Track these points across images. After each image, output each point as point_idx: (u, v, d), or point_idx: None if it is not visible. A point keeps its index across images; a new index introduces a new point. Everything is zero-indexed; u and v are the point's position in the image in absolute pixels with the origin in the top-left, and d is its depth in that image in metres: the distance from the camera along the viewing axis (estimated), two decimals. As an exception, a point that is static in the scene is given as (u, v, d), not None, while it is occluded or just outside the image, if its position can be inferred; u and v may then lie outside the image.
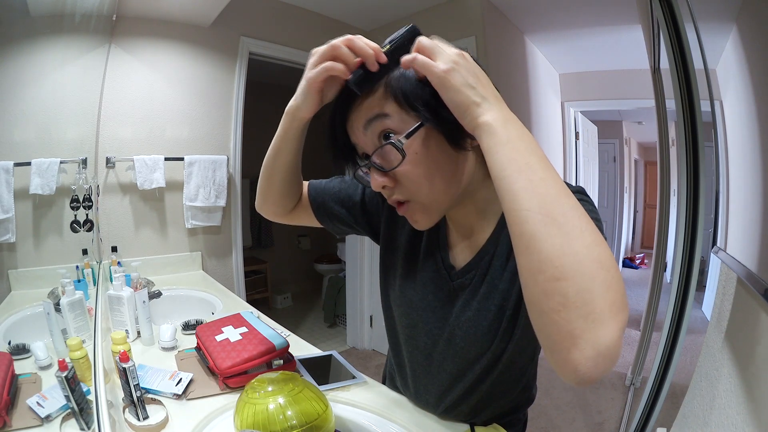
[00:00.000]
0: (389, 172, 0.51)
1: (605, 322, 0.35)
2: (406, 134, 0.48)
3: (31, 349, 0.77)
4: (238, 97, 2.18)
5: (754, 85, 0.78)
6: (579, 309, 0.35)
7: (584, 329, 0.35)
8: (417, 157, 0.50)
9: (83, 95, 1.45)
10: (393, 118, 0.49)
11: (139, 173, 1.83)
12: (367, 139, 0.52)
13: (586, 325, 0.35)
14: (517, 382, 0.70)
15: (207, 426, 0.78)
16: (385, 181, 0.52)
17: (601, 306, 0.35)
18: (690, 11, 1.12)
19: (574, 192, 0.43)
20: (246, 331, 1.00)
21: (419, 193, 0.52)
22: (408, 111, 0.49)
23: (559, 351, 0.36)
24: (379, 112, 0.50)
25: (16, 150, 0.82)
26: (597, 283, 0.35)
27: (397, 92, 0.49)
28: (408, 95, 0.48)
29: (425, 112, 0.48)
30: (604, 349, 0.35)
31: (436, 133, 0.50)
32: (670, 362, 1.42)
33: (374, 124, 0.50)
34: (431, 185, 0.52)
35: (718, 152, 1.08)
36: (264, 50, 2.24)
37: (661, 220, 2.48)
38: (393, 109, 0.49)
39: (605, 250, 0.37)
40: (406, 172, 0.51)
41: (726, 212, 1.05)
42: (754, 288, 0.73)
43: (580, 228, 0.37)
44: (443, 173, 0.52)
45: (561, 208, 0.38)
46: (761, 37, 0.71)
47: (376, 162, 0.52)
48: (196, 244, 2.09)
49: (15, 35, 0.79)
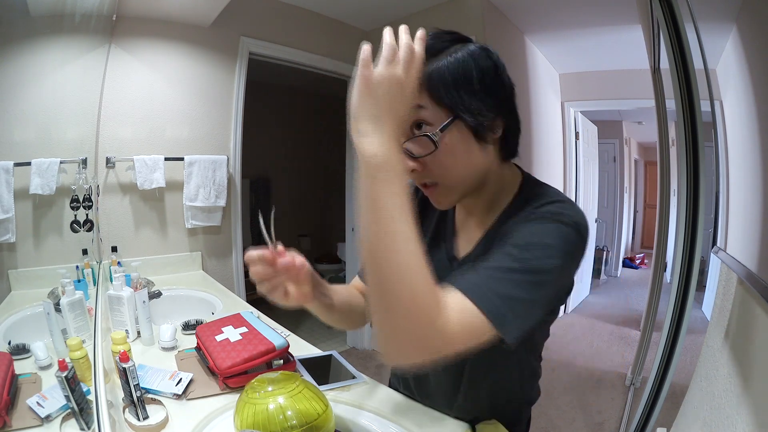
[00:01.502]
0: (419, 158, 0.56)
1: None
2: (440, 128, 0.53)
3: (31, 349, 0.77)
4: (238, 97, 2.18)
5: (754, 85, 0.78)
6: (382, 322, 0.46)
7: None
8: (446, 147, 0.55)
9: (83, 95, 1.45)
10: (428, 110, 0.54)
11: (139, 173, 1.83)
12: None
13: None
14: (518, 377, 0.71)
15: (207, 426, 0.78)
16: (415, 166, 0.57)
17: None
18: (690, 11, 1.12)
19: (551, 218, 0.53)
20: (246, 331, 1.00)
21: (444, 178, 0.58)
22: (441, 105, 0.54)
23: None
24: (416, 103, 0.53)
25: (16, 150, 0.82)
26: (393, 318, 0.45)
27: (432, 87, 0.53)
28: (442, 91, 0.53)
29: (458, 110, 0.53)
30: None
31: (465, 127, 0.55)
32: (670, 362, 1.42)
33: (409, 114, 0.53)
34: (456, 172, 0.57)
35: (718, 152, 1.08)
36: (264, 50, 2.24)
37: (661, 220, 2.48)
38: (427, 102, 0.54)
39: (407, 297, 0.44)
40: (436, 160, 0.56)
41: (726, 212, 1.05)
42: (754, 288, 0.73)
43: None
44: (468, 162, 0.57)
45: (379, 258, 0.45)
46: (761, 37, 0.71)
47: (409, 148, 0.56)
48: (196, 244, 2.09)
49: (15, 35, 0.79)
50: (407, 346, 0.45)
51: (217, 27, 2.03)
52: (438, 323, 0.44)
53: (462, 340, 0.47)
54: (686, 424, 1.09)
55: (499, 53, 0.59)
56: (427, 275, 0.45)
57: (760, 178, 0.78)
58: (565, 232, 0.52)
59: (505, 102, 0.57)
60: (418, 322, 0.44)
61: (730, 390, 0.87)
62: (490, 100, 0.55)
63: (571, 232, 0.53)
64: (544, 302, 0.53)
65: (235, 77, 2.15)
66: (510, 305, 0.48)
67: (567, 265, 0.53)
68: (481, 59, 0.54)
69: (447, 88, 0.53)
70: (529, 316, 0.51)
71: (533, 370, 0.74)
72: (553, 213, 0.54)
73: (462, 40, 0.57)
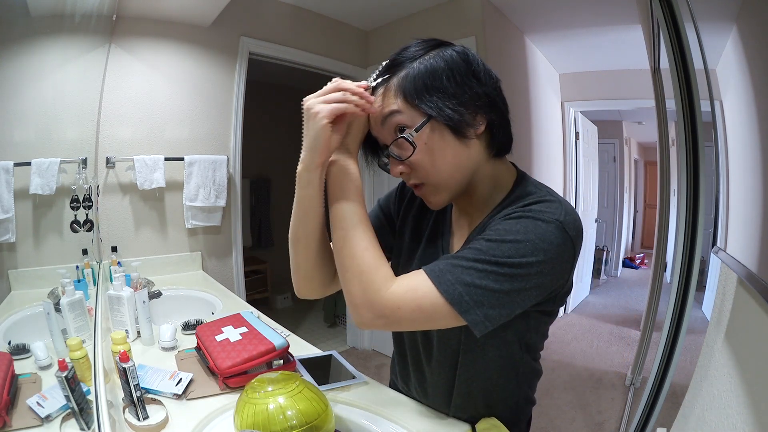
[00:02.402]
0: (404, 161, 0.59)
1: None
2: (415, 128, 0.57)
3: (31, 349, 0.77)
4: (238, 97, 2.18)
5: (754, 85, 0.78)
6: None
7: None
8: (425, 147, 0.57)
9: (83, 95, 1.44)
10: (404, 114, 0.57)
11: (139, 173, 1.83)
12: (384, 132, 0.60)
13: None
14: (514, 376, 0.71)
15: (207, 426, 0.78)
16: (402, 168, 0.61)
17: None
18: (690, 11, 1.12)
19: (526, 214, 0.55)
20: (246, 331, 1.00)
21: (430, 177, 0.60)
22: (415, 108, 0.57)
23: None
24: (392, 109, 0.58)
25: (16, 150, 0.82)
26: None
27: (405, 91, 0.57)
28: (413, 94, 0.56)
29: (429, 109, 0.56)
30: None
31: (441, 125, 0.57)
32: (670, 362, 1.42)
33: (389, 120, 0.58)
34: (439, 171, 0.59)
35: (718, 152, 1.08)
36: (264, 50, 2.24)
37: (661, 220, 2.48)
38: (403, 105, 0.57)
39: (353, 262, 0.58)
40: (417, 160, 0.59)
41: (726, 212, 1.05)
42: (754, 288, 0.73)
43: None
44: (449, 160, 0.59)
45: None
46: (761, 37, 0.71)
47: (394, 152, 0.60)
48: (196, 244, 2.09)
49: (15, 35, 0.79)
50: (360, 309, 0.56)
51: (217, 27, 2.03)
52: (383, 293, 0.54)
53: (409, 311, 0.54)
54: (686, 424, 1.09)
55: (499, 53, 0.60)
56: (372, 252, 0.57)
57: (760, 178, 0.78)
58: (542, 229, 0.53)
59: (483, 98, 0.57)
60: (365, 290, 0.55)
61: (730, 390, 0.87)
62: (462, 97, 0.56)
63: (550, 229, 0.53)
64: (517, 296, 0.53)
65: (235, 77, 2.15)
66: (470, 292, 0.52)
67: (545, 262, 0.53)
68: (451, 59, 0.56)
69: (418, 89, 0.56)
70: (493, 305, 0.53)
71: (532, 370, 0.74)
72: (534, 211, 0.55)
73: (441, 45, 0.59)
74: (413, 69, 0.56)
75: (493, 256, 0.52)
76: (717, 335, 1.02)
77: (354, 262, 0.57)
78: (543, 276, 0.54)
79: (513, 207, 0.58)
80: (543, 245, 0.52)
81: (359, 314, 0.57)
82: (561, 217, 0.54)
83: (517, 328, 0.65)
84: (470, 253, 0.54)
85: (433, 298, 0.53)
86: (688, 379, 1.18)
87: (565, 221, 0.54)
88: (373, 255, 0.57)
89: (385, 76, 0.59)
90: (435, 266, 0.55)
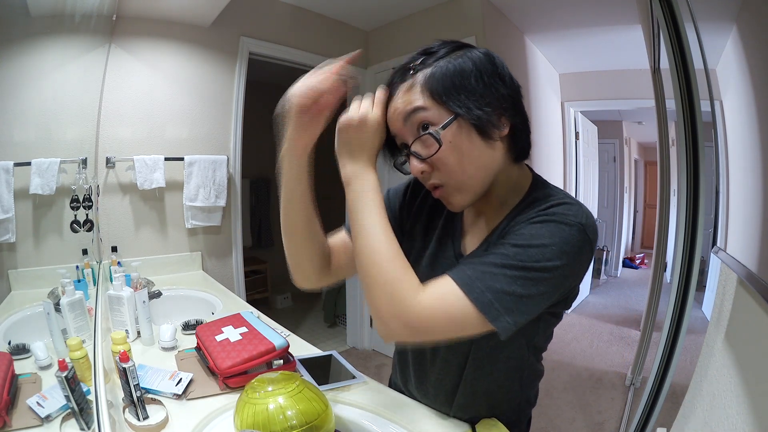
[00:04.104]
0: (427, 159, 0.58)
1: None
2: (442, 126, 0.56)
3: (31, 349, 0.77)
4: (238, 97, 2.18)
5: (754, 85, 0.78)
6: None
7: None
8: (451, 145, 0.56)
9: (83, 95, 1.44)
10: (430, 111, 0.56)
11: (139, 173, 1.83)
12: (406, 129, 0.59)
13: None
14: (518, 377, 0.71)
15: (207, 426, 0.78)
16: (424, 167, 0.59)
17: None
18: (690, 11, 1.12)
19: (548, 218, 0.55)
20: (246, 331, 1.00)
21: (453, 176, 0.59)
22: (442, 105, 0.56)
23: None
24: (418, 106, 0.57)
25: (16, 150, 0.82)
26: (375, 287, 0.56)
27: (432, 88, 0.56)
28: (441, 92, 0.56)
29: (457, 108, 0.55)
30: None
31: (467, 125, 0.56)
32: (670, 362, 1.42)
33: (413, 117, 0.58)
34: (463, 170, 0.58)
35: (718, 152, 1.08)
36: (264, 50, 2.24)
37: (661, 220, 2.47)
38: (430, 103, 0.56)
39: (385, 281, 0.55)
40: (441, 159, 0.57)
41: (726, 212, 1.05)
42: (754, 288, 0.73)
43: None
44: (474, 160, 0.58)
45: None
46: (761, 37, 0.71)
47: (417, 150, 0.59)
48: (196, 244, 2.09)
49: (15, 35, 0.79)
50: (388, 322, 0.54)
51: (217, 27, 2.03)
52: (412, 303, 0.52)
53: (440, 321, 0.52)
54: (686, 424, 1.09)
55: (499, 53, 0.60)
56: (398, 262, 0.56)
57: (760, 178, 0.78)
58: (566, 233, 0.53)
59: (508, 100, 0.58)
60: (393, 302, 0.53)
61: (730, 390, 0.87)
62: (490, 98, 0.56)
63: (573, 232, 0.53)
64: (541, 299, 0.54)
65: (235, 77, 2.15)
66: (500, 299, 0.52)
67: (568, 265, 0.53)
68: (479, 60, 0.56)
69: (446, 88, 0.55)
70: (522, 312, 0.53)
71: (535, 371, 0.74)
72: (557, 214, 0.55)
73: (465, 47, 0.59)
74: (440, 67, 0.56)
75: (520, 261, 0.52)
76: (717, 335, 1.02)
77: (379, 273, 0.55)
78: (565, 279, 0.55)
79: (535, 209, 0.57)
80: (567, 248, 0.53)
81: (387, 327, 0.54)
82: (583, 220, 0.55)
83: (528, 329, 0.64)
84: (498, 259, 0.53)
85: (463, 307, 0.52)
86: (688, 379, 1.18)
87: (586, 224, 0.55)
88: (400, 264, 0.56)
89: (410, 72, 0.58)
90: (462, 273, 0.54)
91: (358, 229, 0.59)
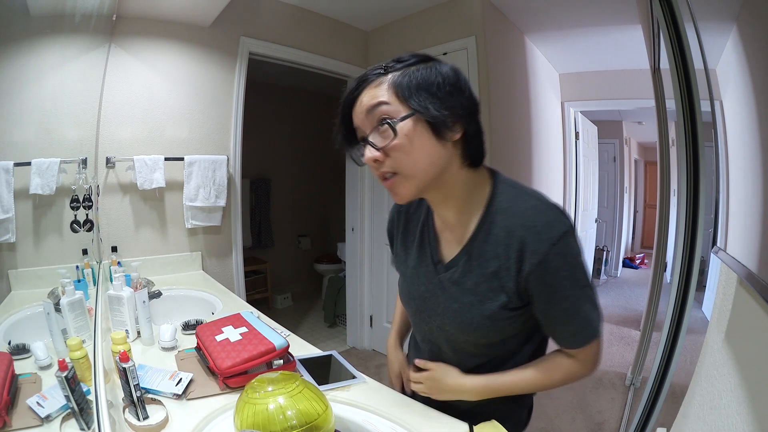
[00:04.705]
0: (382, 148, 0.63)
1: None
2: (400, 118, 0.61)
3: (31, 349, 0.77)
4: (238, 97, 2.17)
5: (754, 85, 0.78)
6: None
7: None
8: (406, 138, 0.62)
9: (83, 95, 1.44)
10: (392, 106, 0.62)
11: (139, 173, 1.83)
12: (367, 122, 0.64)
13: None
14: None
15: (207, 426, 0.78)
16: (378, 155, 0.64)
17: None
18: (690, 11, 1.12)
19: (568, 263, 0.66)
20: (246, 331, 1.00)
21: (403, 165, 0.64)
22: (404, 103, 0.62)
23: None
24: (382, 100, 0.62)
25: (16, 150, 0.82)
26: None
27: (397, 87, 0.62)
28: (405, 90, 0.61)
29: (417, 106, 0.61)
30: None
31: (423, 123, 0.62)
32: (670, 362, 1.42)
33: (376, 111, 0.63)
34: (414, 162, 0.63)
35: (718, 152, 1.08)
36: (264, 50, 2.24)
37: (661, 220, 2.47)
38: (392, 99, 0.62)
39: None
40: (395, 147, 0.62)
41: (726, 212, 1.05)
42: (754, 288, 0.73)
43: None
44: (425, 154, 0.63)
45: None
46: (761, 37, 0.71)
47: (373, 140, 0.64)
48: (196, 244, 2.09)
49: (15, 35, 0.79)
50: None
51: (217, 27, 2.03)
52: (581, 375, 0.74)
53: (597, 363, 0.75)
54: (686, 424, 1.09)
55: (499, 53, 0.62)
56: (553, 375, 0.74)
57: (760, 178, 0.77)
58: (575, 250, 0.65)
59: (465, 110, 0.64)
60: (577, 379, 0.75)
61: (730, 390, 0.87)
62: (448, 104, 0.62)
63: (574, 240, 0.65)
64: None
65: (235, 77, 2.15)
66: (598, 317, 0.73)
67: (585, 264, 0.68)
68: (445, 72, 0.63)
69: (410, 88, 0.61)
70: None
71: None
72: (558, 236, 0.63)
73: (434, 60, 0.66)
74: (409, 72, 0.62)
75: (584, 286, 0.69)
76: (717, 335, 1.02)
77: (554, 385, 0.74)
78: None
79: (535, 245, 0.63)
80: (581, 259, 0.66)
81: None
82: (568, 223, 0.64)
83: (536, 335, 0.77)
84: (575, 300, 0.68)
85: (598, 344, 0.75)
86: (688, 379, 1.18)
87: (567, 224, 0.64)
88: (553, 374, 0.73)
89: (380, 71, 0.64)
90: (575, 333, 0.72)
91: (518, 391, 0.74)
